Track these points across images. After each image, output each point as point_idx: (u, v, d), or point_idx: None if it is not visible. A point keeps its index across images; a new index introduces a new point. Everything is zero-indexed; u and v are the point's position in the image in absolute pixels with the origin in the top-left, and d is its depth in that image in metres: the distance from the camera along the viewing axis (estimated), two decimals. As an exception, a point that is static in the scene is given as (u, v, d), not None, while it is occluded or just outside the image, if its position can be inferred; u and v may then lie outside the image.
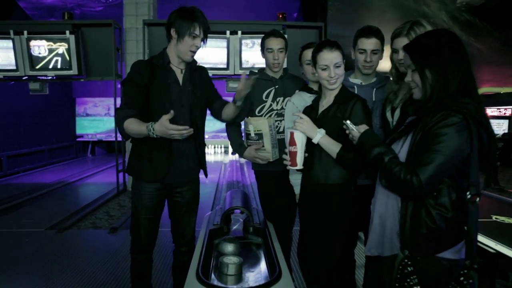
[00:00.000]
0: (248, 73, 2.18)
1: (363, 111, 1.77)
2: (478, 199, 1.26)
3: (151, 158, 2.02)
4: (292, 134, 1.82)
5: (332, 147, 1.76)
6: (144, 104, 1.99)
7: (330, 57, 1.78)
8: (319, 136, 1.77)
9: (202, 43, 2.01)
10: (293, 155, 1.82)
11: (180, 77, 2.07)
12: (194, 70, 2.13)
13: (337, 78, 1.80)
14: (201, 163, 2.21)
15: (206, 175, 2.26)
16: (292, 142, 1.81)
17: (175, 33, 1.97)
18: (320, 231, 1.84)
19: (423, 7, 8.28)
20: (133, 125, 1.89)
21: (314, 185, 1.86)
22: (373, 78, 2.15)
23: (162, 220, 2.22)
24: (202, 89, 2.16)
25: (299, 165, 1.84)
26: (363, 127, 1.50)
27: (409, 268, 1.26)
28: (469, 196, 1.25)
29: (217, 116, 2.23)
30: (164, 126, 1.78)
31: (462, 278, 1.24)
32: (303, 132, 1.79)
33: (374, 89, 2.11)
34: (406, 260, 1.27)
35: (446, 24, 8.34)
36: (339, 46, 1.82)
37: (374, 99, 2.09)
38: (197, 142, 2.14)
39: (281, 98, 2.37)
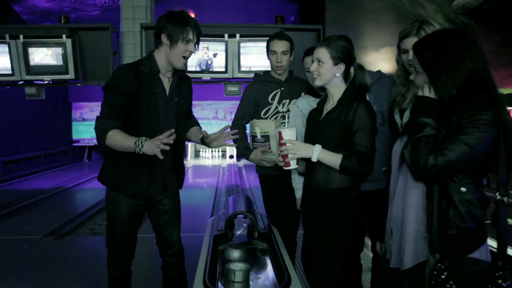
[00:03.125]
0: (229, 127, 2.05)
1: (368, 114, 1.73)
2: (506, 198, 1.23)
3: (133, 172, 1.89)
4: (280, 133, 1.78)
5: (333, 159, 1.73)
6: (127, 114, 1.87)
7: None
8: (316, 153, 1.73)
9: (195, 48, 1.89)
10: (284, 155, 1.78)
11: (167, 86, 1.96)
12: (182, 79, 2.02)
13: (317, 75, 1.78)
14: (179, 177, 2.09)
15: (181, 187, 2.14)
16: (282, 143, 1.78)
17: (167, 38, 1.84)
18: (323, 236, 1.80)
19: (419, 10, 8.33)
20: (119, 138, 1.77)
21: (315, 189, 1.83)
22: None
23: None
24: (187, 101, 2.08)
25: (293, 165, 1.80)
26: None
27: (445, 273, 1.21)
28: (498, 197, 1.23)
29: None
30: (153, 142, 1.68)
31: (500, 281, 1.19)
32: (299, 156, 1.76)
33: None
34: (439, 265, 1.22)
35: (442, 26, 8.38)
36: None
37: (368, 98, 2.06)
38: (179, 155, 2.04)
39: (287, 101, 2.34)
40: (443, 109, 1.27)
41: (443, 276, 1.20)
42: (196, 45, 1.90)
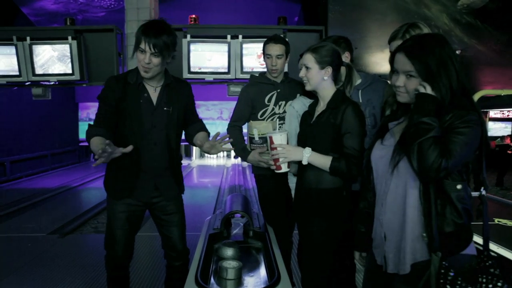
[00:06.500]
0: (225, 135, 2.06)
1: (355, 116, 1.75)
2: (486, 192, 1.30)
3: (117, 176, 2.01)
4: (271, 138, 1.84)
5: (323, 161, 1.77)
6: (116, 123, 1.95)
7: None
8: (306, 156, 1.78)
9: (157, 58, 1.86)
10: (276, 159, 1.84)
11: (154, 96, 1.99)
12: (172, 88, 2.03)
13: (306, 81, 1.84)
14: (177, 182, 2.14)
15: (182, 191, 2.20)
16: (273, 147, 1.83)
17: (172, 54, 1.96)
18: (313, 236, 1.83)
19: (424, 10, 8.27)
20: (92, 145, 1.84)
21: (306, 190, 1.86)
22: (358, 79, 2.13)
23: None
24: (180, 109, 2.06)
25: (284, 168, 1.86)
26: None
27: (452, 270, 1.20)
28: (484, 192, 1.28)
29: (189, 139, 2.16)
30: (98, 148, 1.72)
31: (492, 270, 1.21)
32: (290, 160, 1.82)
33: (360, 90, 2.10)
34: (444, 263, 1.21)
35: (447, 26, 8.32)
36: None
37: (361, 101, 2.08)
38: (172, 162, 2.08)
39: (283, 102, 2.38)
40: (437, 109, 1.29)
41: (452, 274, 1.20)
42: (156, 55, 1.89)
